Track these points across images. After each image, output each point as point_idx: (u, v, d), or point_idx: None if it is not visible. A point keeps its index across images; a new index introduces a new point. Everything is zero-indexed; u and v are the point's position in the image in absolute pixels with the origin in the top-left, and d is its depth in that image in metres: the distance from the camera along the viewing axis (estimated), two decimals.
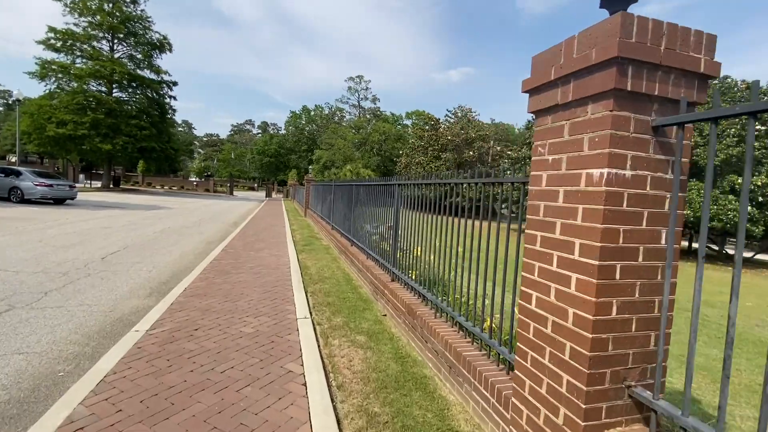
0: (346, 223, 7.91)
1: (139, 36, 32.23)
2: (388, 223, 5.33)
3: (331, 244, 9.33)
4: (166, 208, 19.59)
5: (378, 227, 5.76)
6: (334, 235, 8.96)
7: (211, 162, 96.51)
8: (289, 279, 5.83)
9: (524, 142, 32.15)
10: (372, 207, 6.14)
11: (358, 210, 6.98)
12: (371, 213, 6.22)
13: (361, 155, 65.16)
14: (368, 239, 6.13)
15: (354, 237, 7.07)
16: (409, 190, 4.57)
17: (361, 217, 6.77)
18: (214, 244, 9.46)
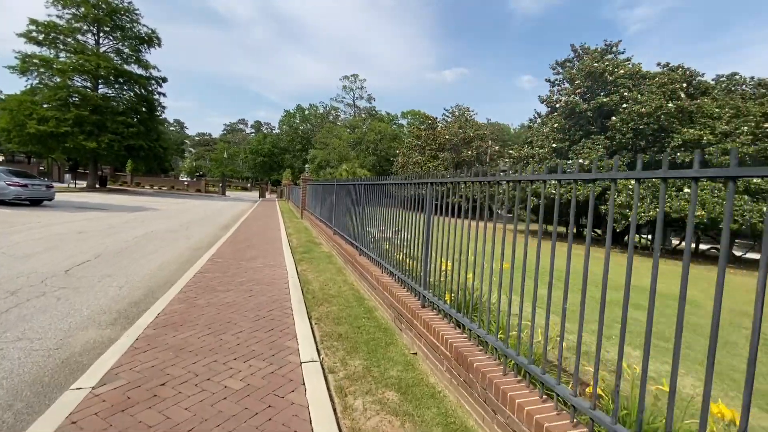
0: (353, 228, 6.91)
1: (126, 30, 30.87)
2: (402, 230, 4.35)
3: (333, 252, 8.31)
4: (153, 209, 18.42)
5: (397, 233, 4.76)
6: (336, 242, 7.95)
7: (203, 161, 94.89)
8: (287, 299, 4.81)
9: (525, 141, 31.39)
10: (387, 210, 5.15)
11: (369, 213, 5.98)
12: (386, 217, 5.22)
13: (357, 155, 64.31)
14: (382, 249, 5.14)
15: (363, 245, 6.07)
16: (441, 190, 3.59)
17: (373, 222, 5.77)
18: (201, 251, 8.40)
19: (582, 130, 23.62)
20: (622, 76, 22.93)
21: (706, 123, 20.23)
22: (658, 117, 20.33)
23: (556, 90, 29.27)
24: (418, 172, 41.99)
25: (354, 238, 6.70)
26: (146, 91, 32.16)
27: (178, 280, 5.61)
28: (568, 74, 26.24)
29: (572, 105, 23.13)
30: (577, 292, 2.40)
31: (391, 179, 4.90)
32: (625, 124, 21.09)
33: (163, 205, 21.23)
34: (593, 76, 23.43)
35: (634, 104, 21.09)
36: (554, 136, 24.36)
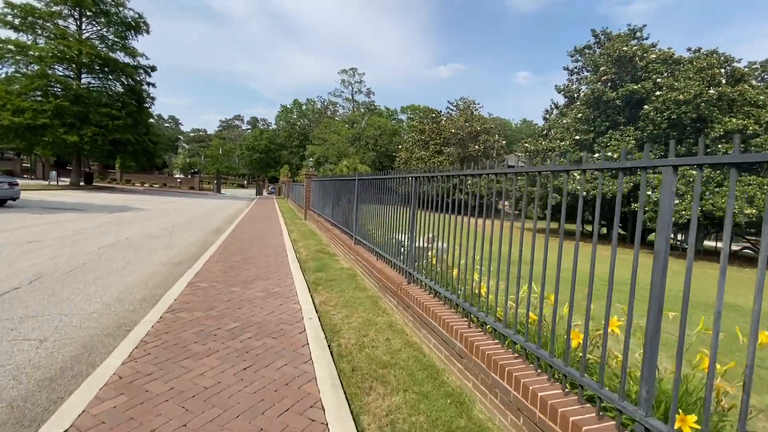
0: (393, 243, 4.91)
1: (111, 14, 28.55)
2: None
3: (356, 268, 6.32)
4: (138, 209, 16.35)
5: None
6: (361, 255, 5.96)
7: (198, 158, 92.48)
8: (310, 374, 2.82)
9: (540, 134, 29.45)
10: (455, 217, 3.17)
11: (428, 221, 3.99)
12: (457, 229, 3.24)
13: (356, 151, 62.44)
14: (465, 288, 3.16)
15: (417, 270, 4.08)
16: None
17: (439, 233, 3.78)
18: (182, 266, 6.40)
19: (609, 121, 21.67)
20: (654, 61, 20.96)
21: (749, 112, 18.32)
22: (697, 105, 18.38)
23: (575, 78, 27.31)
24: (422, 168, 40.07)
25: (396, 256, 4.71)
26: (134, 80, 29.85)
27: (137, 326, 3.62)
28: (590, 61, 24.25)
29: (598, 93, 21.16)
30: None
31: (496, 168, 2.93)
32: (660, 114, 19.15)
33: (150, 204, 19.15)
34: (621, 62, 21.44)
35: (669, 91, 19.14)
36: (577, 127, 22.40)
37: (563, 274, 2.18)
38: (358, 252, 6.20)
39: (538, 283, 2.43)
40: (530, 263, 2.50)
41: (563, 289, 2.15)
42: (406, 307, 3.93)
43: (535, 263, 2.48)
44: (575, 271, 2.04)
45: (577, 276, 2.06)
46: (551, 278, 2.28)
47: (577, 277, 2.07)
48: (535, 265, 2.47)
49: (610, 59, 21.73)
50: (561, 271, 2.18)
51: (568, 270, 2.06)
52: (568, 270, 2.04)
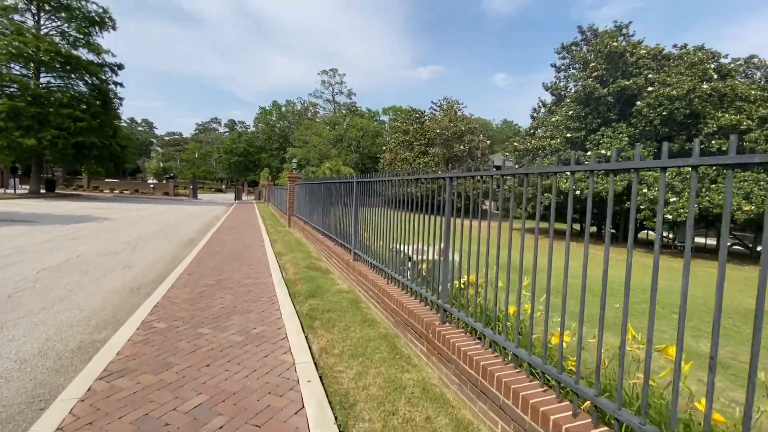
0: (420, 264, 3.81)
1: (73, 9, 26.44)
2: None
3: (357, 290, 5.18)
4: (101, 219, 14.72)
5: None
6: (362, 274, 4.84)
7: (173, 162, 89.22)
8: None
9: (528, 133, 28.95)
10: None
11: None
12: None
13: (339, 152, 61.31)
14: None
15: (466, 312, 2.99)
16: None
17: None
18: (139, 295, 5.13)
19: (600, 118, 21.15)
20: (644, 57, 20.57)
21: (741, 107, 18.06)
22: (690, 101, 18.01)
23: (562, 76, 26.87)
24: (407, 169, 39.23)
25: (422, 285, 3.60)
26: (99, 79, 27.73)
27: (43, 416, 2.39)
28: (580, 57, 23.78)
29: (589, 90, 20.62)
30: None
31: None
32: (653, 110, 18.70)
33: (116, 213, 17.45)
34: (612, 58, 20.97)
35: (662, 87, 18.72)
36: (568, 124, 21.82)
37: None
38: (359, 270, 5.06)
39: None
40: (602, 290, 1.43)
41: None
42: (443, 360, 2.82)
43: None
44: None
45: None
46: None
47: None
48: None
49: (600, 55, 21.26)
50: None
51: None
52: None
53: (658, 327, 4.70)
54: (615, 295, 6.43)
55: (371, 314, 4.35)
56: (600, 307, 1.81)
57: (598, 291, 3.03)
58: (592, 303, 3.50)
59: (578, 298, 1.96)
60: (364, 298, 4.86)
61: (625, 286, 1.77)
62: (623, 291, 1.76)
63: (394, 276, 4.12)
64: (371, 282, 4.53)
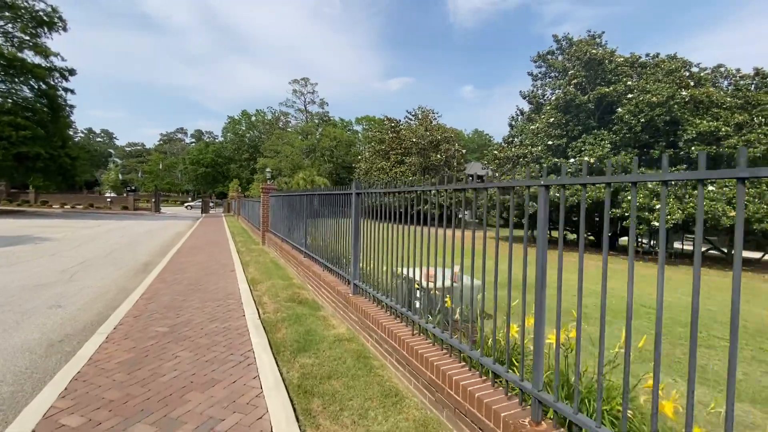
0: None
1: (18, 8, 23.97)
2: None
3: (362, 337, 3.96)
4: (42, 240, 12.72)
5: None
6: (369, 316, 3.64)
7: (135, 174, 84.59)
8: None
9: (506, 141, 28.66)
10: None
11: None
12: None
13: (312, 162, 59.92)
14: None
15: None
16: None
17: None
18: (55, 358, 3.69)
19: (581, 125, 20.92)
20: (622, 64, 20.61)
21: (717, 114, 18.22)
22: (670, 107, 18.00)
23: (540, 84, 26.80)
24: (384, 179, 38.36)
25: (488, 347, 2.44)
26: (46, 85, 25.18)
27: None
28: (559, 65, 23.70)
29: (570, 97, 20.38)
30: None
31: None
32: (634, 116, 18.59)
33: (63, 232, 15.35)
34: (591, 65, 20.88)
35: (641, 94, 18.67)
36: (549, 132, 21.48)
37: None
38: (362, 309, 3.85)
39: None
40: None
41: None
42: None
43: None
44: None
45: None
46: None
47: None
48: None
49: (579, 62, 21.16)
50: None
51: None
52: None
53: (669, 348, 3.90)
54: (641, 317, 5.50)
55: (391, 380, 3.13)
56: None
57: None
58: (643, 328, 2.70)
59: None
60: (373, 349, 3.63)
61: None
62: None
63: (432, 332, 2.93)
64: (384, 329, 3.33)
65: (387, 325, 3.36)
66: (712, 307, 7.19)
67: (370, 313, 3.71)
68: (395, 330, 3.23)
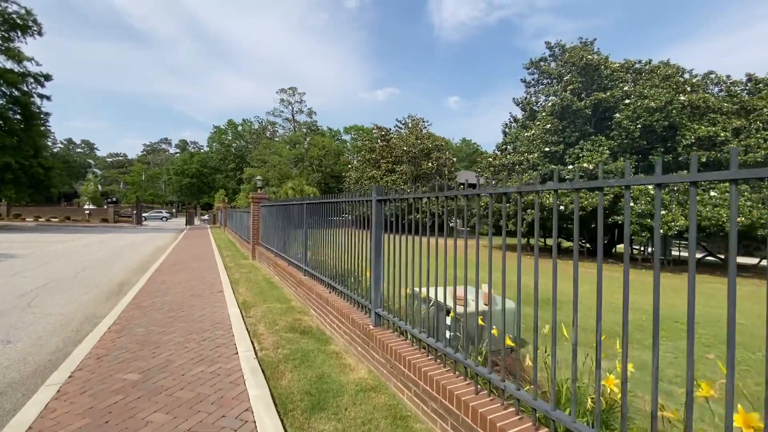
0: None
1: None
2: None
3: (392, 384, 3.09)
4: (4, 257, 11.50)
5: None
6: (397, 354, 2.78)
7: (116, 186, 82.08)
8: None
9: (500, 148, 28.27)
10: None
11: None
12: None
13: (300, 172, 58.98)
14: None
15: None
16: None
17: None
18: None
19: (578, 131, 20.57)
20: (618, 70, 20.41)
21: (714, 119, 18.06)
22: (668, 112, 17.76)
23: (533, 91, 26.55)
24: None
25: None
26: (19, 90, 23.78)
27: None
28: (553, 71, 23.46)
29: (567, 102, 20.04)
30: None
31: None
32: (632, 122, 18.29)
33: (30, 248, 14.07)
34: (587, 70, 20.63)
35: (639, 99, 18.41)
36: (546, 138, 21.07)
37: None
38: (392, 350, 3.00)
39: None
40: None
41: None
42: None
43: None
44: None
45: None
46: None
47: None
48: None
49: (575, 68, 20.90)
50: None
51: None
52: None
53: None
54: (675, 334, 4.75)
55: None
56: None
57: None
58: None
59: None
60: (410, 404, 2.78)
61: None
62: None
63: (473, 369, 2.10)
64: (429, 380, 2.49)
65: (433, 376, 2.51)
66: (743, 321, 6.54)
67: (404, 355, 2.86)
68: (447, 383, 2.39)
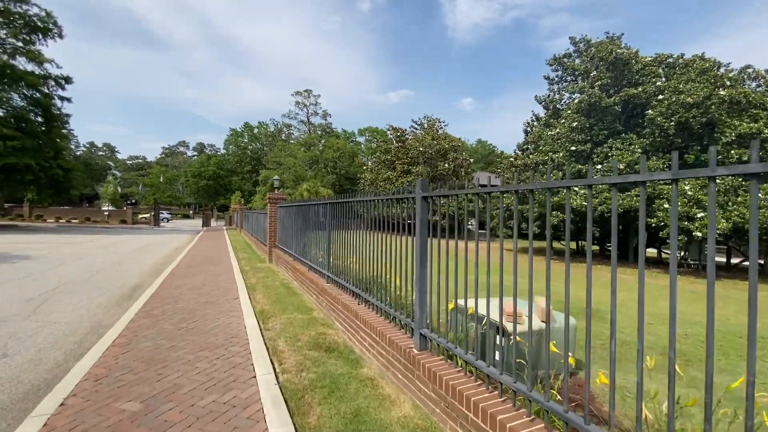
0: None
1: (11, 13, 22.97)
2: None
3: (449, 428, 2.46)
4: (19, 258, 11.31)
5: None
6: (453, 390, 2.17)
7: (136, 188, 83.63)
8: None
9: (521, 148, 27.41)
10: None
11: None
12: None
13: (315, 174, 58.92)
14: None
15: None
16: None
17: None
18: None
19: (607, 129, 19.59)
20: (650, 64, 19.36)
21: (756, 115, 16.89)
22: (707, 108, 16.69)
23: (556, 88, 25.60)
24: (391, 189, 37.12)
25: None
26: (40, 93, 24.02)
27: None
28: (579, 67, 22.48)
29: (595, 99, 19.09)
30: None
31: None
32: (666, 119, 17.26)
33: (48, 249, 13.92)
34: (616, 65, 19.63)
35: (674, 94, 17.38)
36: (572, 137, 20.13)
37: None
38: (446, 383, 2.40)
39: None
40: None
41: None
42: None
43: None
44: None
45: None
46: None
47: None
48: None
49: (603, 63, 19.92)
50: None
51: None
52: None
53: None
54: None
55: None
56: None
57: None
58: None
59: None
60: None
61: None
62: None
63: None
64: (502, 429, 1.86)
65: (509, 424, 1.90)
66: None
67: (467, 395, 2.25)
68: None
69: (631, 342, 5.26)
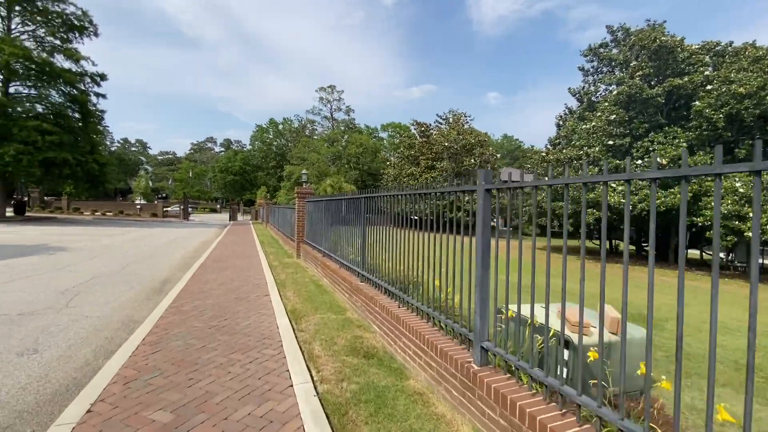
0: None
1: (49, 12, 23.74)
2: None
3: None
4: (55, 250, 11.58)
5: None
6: (529, 419, 1.77)
7: (166, 182, 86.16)
8: None
9: (553, 143, 26.38)
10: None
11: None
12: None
13: (338, 169, 58.99)
14: None
15: None
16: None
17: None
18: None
19: (648, 122, 18.48)
20: (698, 52, 18.09)
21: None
22: (760, 99, 15.43)
23: (591, 80, 24.43)
24: (415, 184, 36.63)
25: None
26: (77, 89, 24.81)
27: None
28: (617, 57, 21.30)
29: (636, 90, 18.00)
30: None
31: None
32: (715, 111, 16.08)
33: (82, 241, 14.28)
34: (660, 54, 18.44)
35: (723, 84, 16.17)
36: (609, 130, 19.08)
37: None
38: (517, 408, 2.05)
39: None
40: None
41: None
42: None
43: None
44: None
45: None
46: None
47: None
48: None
49: (645, 52, 18.76)
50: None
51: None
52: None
53: None
54: None
55: None
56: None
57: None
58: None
59: None
60: None
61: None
62: None
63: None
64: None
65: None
66: None
67: (545, 424, 1.87)
68: None
69: (695, 354, 4.72)
